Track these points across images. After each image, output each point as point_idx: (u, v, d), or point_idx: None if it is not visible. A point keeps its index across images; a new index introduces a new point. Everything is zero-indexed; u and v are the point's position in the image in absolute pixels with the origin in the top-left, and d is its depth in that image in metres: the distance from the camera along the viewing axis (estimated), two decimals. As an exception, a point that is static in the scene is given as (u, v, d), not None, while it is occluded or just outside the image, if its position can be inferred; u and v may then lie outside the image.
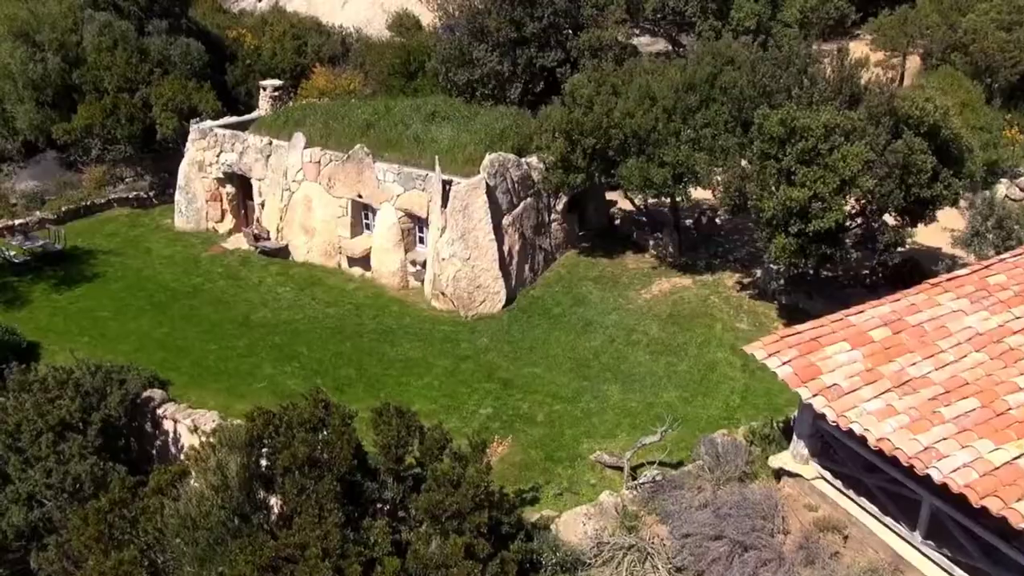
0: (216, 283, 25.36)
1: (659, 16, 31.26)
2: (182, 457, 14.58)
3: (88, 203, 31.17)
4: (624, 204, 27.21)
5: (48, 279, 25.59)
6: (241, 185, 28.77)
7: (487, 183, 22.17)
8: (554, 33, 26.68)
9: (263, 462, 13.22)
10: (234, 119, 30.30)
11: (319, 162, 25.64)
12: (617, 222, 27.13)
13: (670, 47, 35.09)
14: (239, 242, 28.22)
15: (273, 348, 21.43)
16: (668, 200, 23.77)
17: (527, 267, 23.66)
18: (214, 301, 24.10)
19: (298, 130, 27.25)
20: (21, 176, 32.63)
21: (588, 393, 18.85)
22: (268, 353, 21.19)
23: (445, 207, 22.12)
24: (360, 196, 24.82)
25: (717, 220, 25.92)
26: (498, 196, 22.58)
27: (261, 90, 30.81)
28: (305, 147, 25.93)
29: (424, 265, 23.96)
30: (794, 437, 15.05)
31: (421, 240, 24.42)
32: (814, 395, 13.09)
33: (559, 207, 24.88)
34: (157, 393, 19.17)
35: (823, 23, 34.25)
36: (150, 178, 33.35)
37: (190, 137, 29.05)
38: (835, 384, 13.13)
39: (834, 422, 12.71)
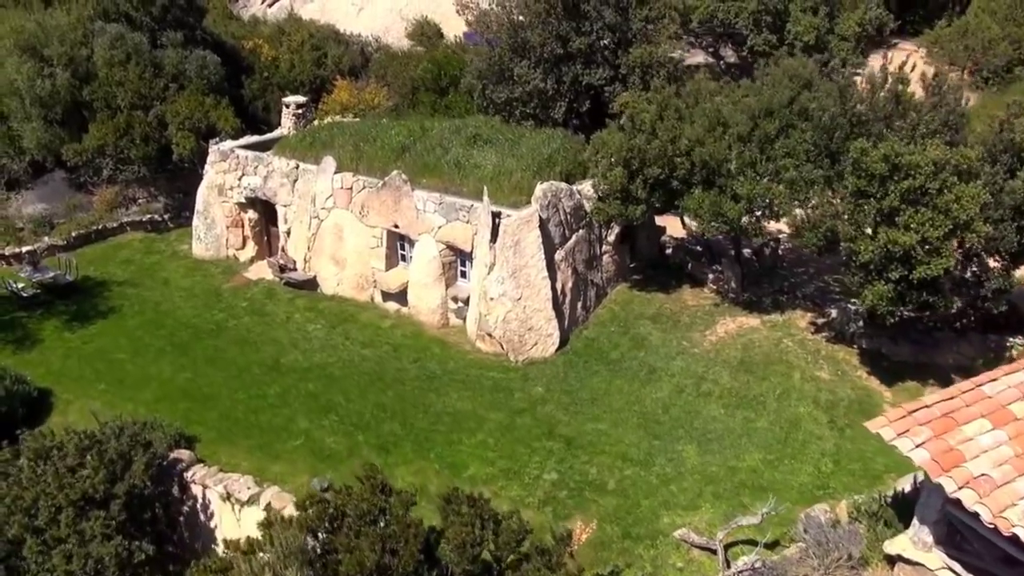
0: (241, 319, 23.53)
1: (704, 29, 29.50)
2: (220, 551, 12.78)
3: (99, 227, 29.35)
4: (674, 230, 25.43)
5: (60, 314, 23.78)
6: (264, 210, 26.95)
7: (539, 216, 20.35)
8: (601, 49, 24.84)
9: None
10: (255, 138, 28.50)
11: (351, 188, 23.83)
12: (668, 251, 25.31)
13: (711, 60, 33.27)
14: (262, 272, 26.40)
15: (307, 397, 19.61)
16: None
17: (579, 305, 21.85)
18: (240, 341, 22.28)
19: (327, 152, 25.44)
20: (28, 198, 30.78)
21: (661, 455, 17.05)
22: (302, 403, 19.37)
23: (494, 242, 20.30)
24: (397, 226, 23.01)
25: (779, 251, 24.10)
26: (550, 229, 20.77)
27: (284, 107, 28.97)
28: (336, 172, 24.10)
29: (467, 302, 22.15)
30: (915, 521, 13.22)
31: (463, 274, 22.62)
32: (961, 487, 11.29)
33: (611, 238, 23.07)
34: (185, 454, 17.36)
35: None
36: (164, 200, 31.53)
37: (209, 159, 27.23)
38: (984, 475, 11.32)
39: (991, 523, 10.89)
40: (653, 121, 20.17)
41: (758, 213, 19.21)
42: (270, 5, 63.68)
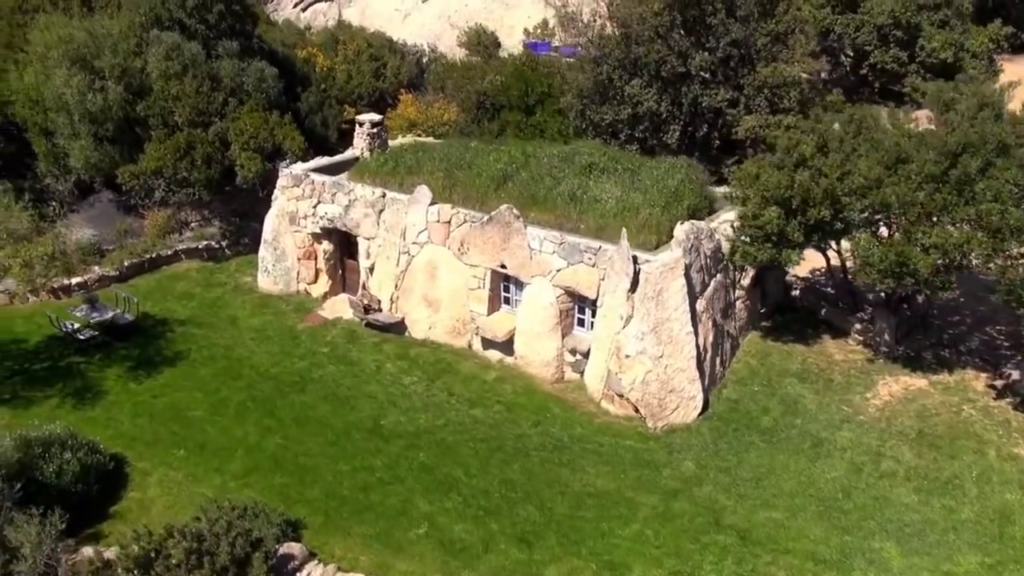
0: (325, 368, 20.97)
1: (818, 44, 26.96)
2: None
3: (152, 255, 26.80)
4: (798, 268, 22.86)
5: (121, 361, 21.22)
6: (340, 242, 24.41)
7: (683, 262, 17.80)
8: (722, 67, 22.28)
9: None
10: (326, 160, 25.91)
11: (449, 222, 21.28)
12: (796, 292, 22.75)
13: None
14: (339, 309, 23.86)
15: (421, 470, 17.04)
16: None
17: (717, 360, 19.30)
18: (329, 396, 19.72)
19: (413, 179, 22.93)
20: (74, 222, 28.25)
21: (858, 554, 14.48)
22: (416, 478, 16.80)
23: (633, 291, 17.73)
24: (503, 266, 20.45)
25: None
26: (692, 276, 18.21)
27: (357, 125, 26.37)
28: (431, 203, 21.54)
29: (586, 355, 19.60)
30: None
31: (580, 323, 20.06)
32: None
33: (745, 282, 20.53)
34: (295, 548, 14.76)
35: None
36: (219, 224, 29.00)
37: (280, 183, 24.67)
38: None
39: None
40: (813, 155, 17.60)
41: (959, 267, 16.58)
42: (303, 9, 61.35)
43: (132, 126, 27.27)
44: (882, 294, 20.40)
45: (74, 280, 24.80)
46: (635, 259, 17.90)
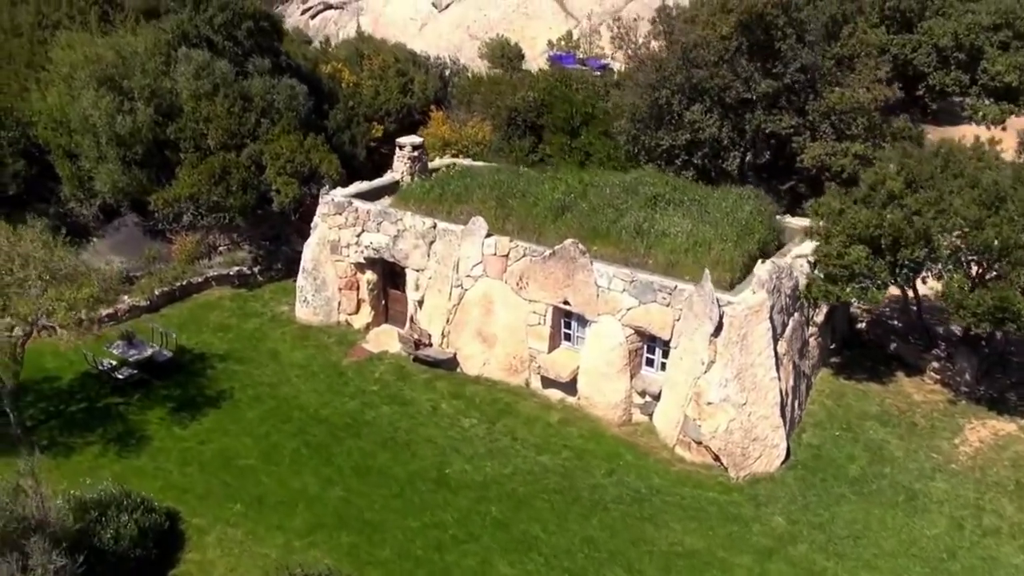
0: (378, 409, 20.00)
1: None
2: None
3: (183, 283, 25.74)
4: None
5: (162, 401, 20.20)
6: (384, 271, 23.44)
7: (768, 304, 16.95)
8: (786, 92, 21.45)
9: None
10: (365, 185, 24.89)
11: (507, 255, 20.35)
12: (862, 326, 21.95)
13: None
14: (383, 342, 22.91)
15: (495, 527, 16.12)
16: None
17: (796, 403, 18.46)
18: (387, 441, 18.75)
19: (465, 207, 22.02)
20: (100, 248, 27.17)
21: (976, 625, 13.66)
22: (492, 536, 15.88)
23: (716, 336, 16.85)
24: (567, 303, 19.55)
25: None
26: (774, 317, 17.35)
27: (397, 148, 25.44)
28: (487, 235, 20.62)
29: (657, 397, 18.73)
30: None
31: (648, 362, 19.19)
32: None
33: (818, 319, 19.70)
34: (376, 621, 13.82)
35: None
36: (250, 248, 27.94)
37: (321, 211, 23.67)
38: None
39: None
40: (903, 191, 16.78)
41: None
42: (312, 16, 60.27)
43: (161, 149, 26.17)
44: (956, 329, 19.62)
45: (104, 311, 23.72)
46: (718, 301, 17.03)
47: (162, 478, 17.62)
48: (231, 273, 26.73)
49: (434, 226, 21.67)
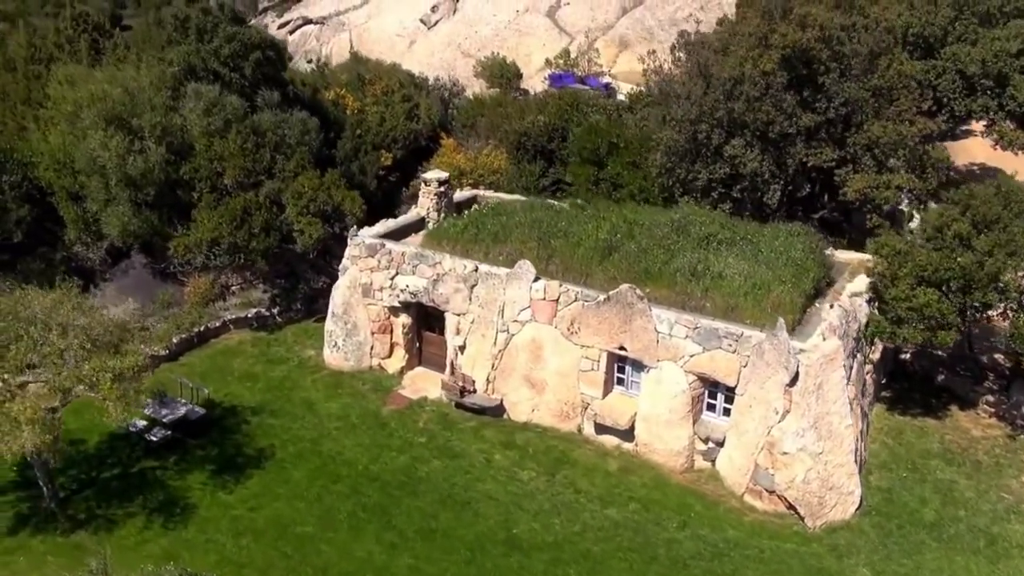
0: (430, 464, 19.33)
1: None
2: None
3: (201, 328, 24.70)
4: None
5: (200, 464, 19.26)
6: (418, 314, 22.74)
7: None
8: (826, 126, 21.30)
9: None
10: (392, 224, 24.17)
11: (556, 300, 19.84)
12: (906, 356, 21.88)
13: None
14: (420, 387, 22.25)
15: (577, 592, 15.60)
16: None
17: (862, 445, 18.27)
18: (445, 499, 18.09)
19: (503, 248, 21.50)
20: (108, 293, 25.97)
21: None
22: (575, 602, 15.36)
23: (792, 385, 16.55)
24: (623, 348, 19.10)
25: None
26: (845, 363, 17.11)
27: (423, 184, 24.73)
28: (535, 280, 20.07)
29: (721, 444, 18.40)
30: None
31: (710, 407, 18.83)
32: None
33: (875, 356, 19.57)
34: None
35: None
36: (265, 288, 27.03)
37: (351, 253, 22.87)
38: None
39: None
40: (970, 233, 16.68)
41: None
42: (291, 31, 58.96)
43: (173, 189, 25.11)
44: (1000, 358, 19.67)
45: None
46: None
47: (216, 551, 16.71)
48: (249, 316, 25.79)
49: (475, 269, 21.06)
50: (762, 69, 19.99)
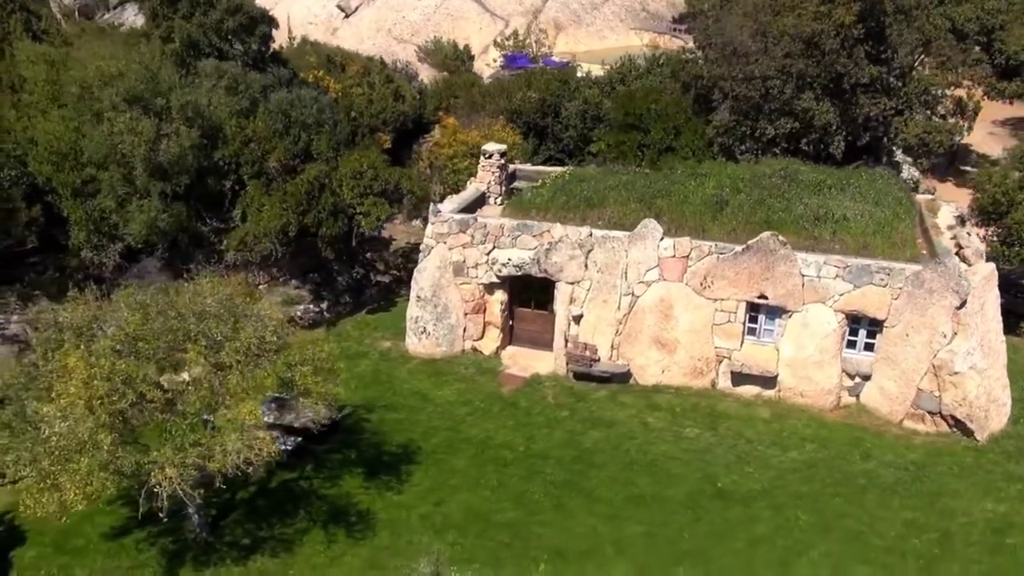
0: (589, 435, 18.56)
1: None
2: None
3: (253, 331, 22.00)
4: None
5: (346, 468, 17.38)
6: (512, 289, 21.71)
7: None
8: (886, 76, 22.79)
9: None
10: (458, 200, 22.86)
11: (687, 256, 19.71)
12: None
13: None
14: (525, 364, 21.40)
15: (814, 530, 15.57)
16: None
17: (990, 362, 19.72)
18: (631, 465, 17.48)
19: (602, 212, 21.13)
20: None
21: None
22: (821, 539, 15.31)
23: (961, 307, 17.55)
24: (763, 296, 19.34)
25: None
26: (988, 285, 18.40)
27: (483, 156, 23.60)
28: (662, 238, 19.83)
29: (866, 378, 19.16)
30: None
31: (850, 345, 19.50)
32: None
33: (968, 283, 21.15)
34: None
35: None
36: (296, 283, 24.63)
37: (436, 231, 21.38)
38: None
39: None
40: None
41: None
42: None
43: (202, 177, 22.22)
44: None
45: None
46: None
47: (425, 552, 15.03)
48: (297, 313, 23.34)
49: (590, 234, 20.44)
50: (841, 22, 20.99)
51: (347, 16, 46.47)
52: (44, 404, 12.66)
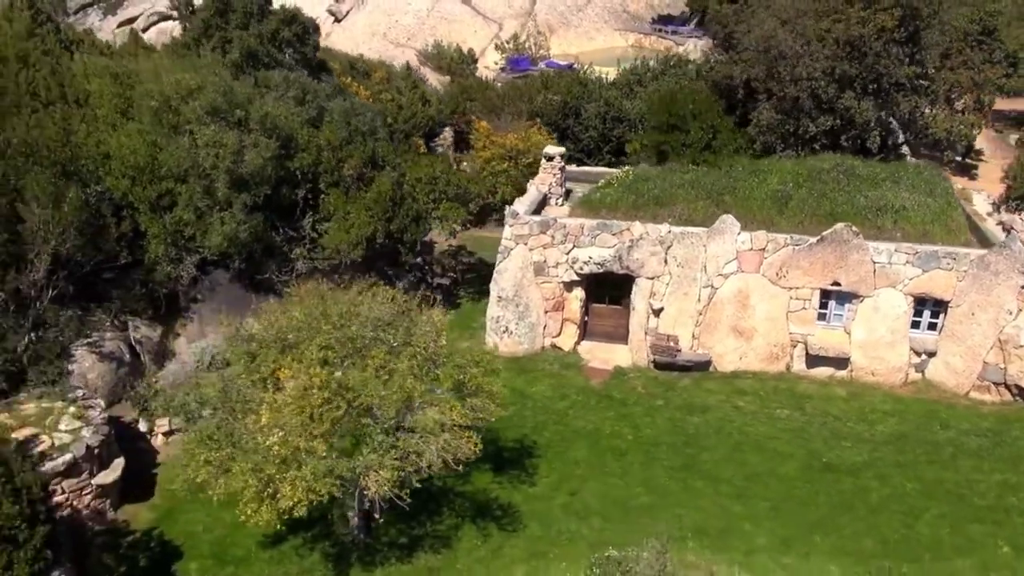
0: (690, 420, 19.65)
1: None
2: None
3: (333, 338, 22.32)
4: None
5: (469, 467, 17.81)
6: (588, 286, 22.61)
7: (1040, 251, 19.79)
8: (919, 75, 24.60)
9: None
10: (526, 201, 23.62)
11: (763, 248, 20.98)
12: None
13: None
14: (605, 358, 22.40)
15: (923, 496, 17.02)
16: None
17: (1032, 336, 21.62)
18: (739, 446, 18.63)
19: (671, 209, 22.28)
20: (205, 316, 22.43)
21: None
22: (931, 502, 16.78)
23: (1024, 287, 19.33)
24: (837, 283, 20.77)
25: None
26: (1032, 261, 20.24)
27: (544, 159, 24.40)
28: (740, 232, 21.03)
29: (932, 354, 20.81)
30: None
31: (915, 325, 21.10)
32: None
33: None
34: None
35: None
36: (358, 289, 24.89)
37: (515, 232, 22.08)
38: None
39: None
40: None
41: None
42: (144, 30, 52.69)
43: (277, 188, 22.35)
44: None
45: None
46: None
47: (581, 539, 15.88)
48: (372, 318, 23.67)
49: (669, 231, 21.50)
50: (883, 26, 22.61)
51: (338, 21, 46.34)
52: (249, 415, 12.97)
